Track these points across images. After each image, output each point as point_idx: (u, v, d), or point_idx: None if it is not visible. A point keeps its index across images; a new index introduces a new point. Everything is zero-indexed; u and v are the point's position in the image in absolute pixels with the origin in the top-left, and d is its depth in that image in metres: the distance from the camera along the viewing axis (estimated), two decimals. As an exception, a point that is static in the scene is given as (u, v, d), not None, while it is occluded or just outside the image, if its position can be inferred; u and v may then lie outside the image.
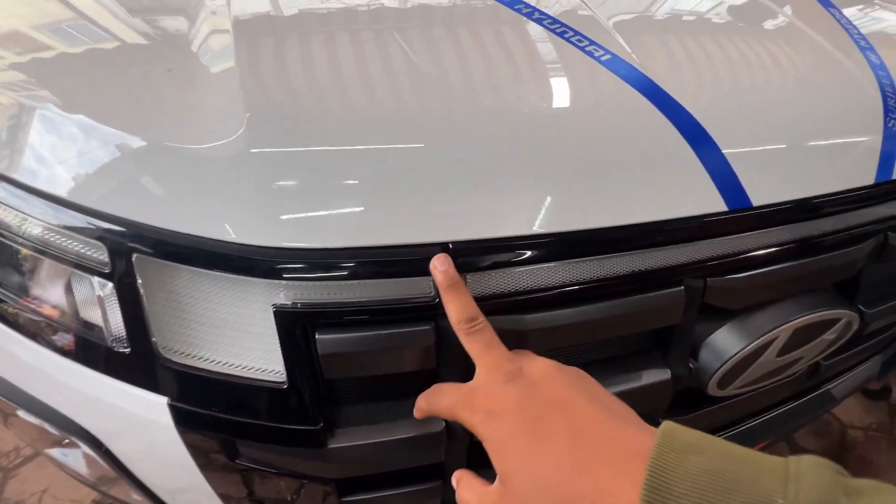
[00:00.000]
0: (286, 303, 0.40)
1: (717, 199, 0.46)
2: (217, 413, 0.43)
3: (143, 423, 0.45)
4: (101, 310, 0.43)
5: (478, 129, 0.44)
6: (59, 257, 0.43)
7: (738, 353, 0.51)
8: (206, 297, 0.41)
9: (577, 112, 0.47)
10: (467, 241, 0.40)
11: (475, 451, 0.38)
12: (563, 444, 0.32)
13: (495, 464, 0.34)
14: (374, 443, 0.45)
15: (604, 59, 0.49)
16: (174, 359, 0.43)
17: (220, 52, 0.48)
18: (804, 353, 0.57)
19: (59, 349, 0.46)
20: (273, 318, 0.40)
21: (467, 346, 0.39)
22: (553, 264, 0.43)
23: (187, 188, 0.40)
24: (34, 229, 0.43)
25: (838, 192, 0.51)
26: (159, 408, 0.44)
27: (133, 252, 0.40)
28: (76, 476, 0.60)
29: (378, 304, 0.40)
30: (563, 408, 0.34)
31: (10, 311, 0.48)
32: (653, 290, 0.46)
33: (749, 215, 0.47)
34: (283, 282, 0.39)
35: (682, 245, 0.46)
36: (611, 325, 0.46)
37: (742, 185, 0.46)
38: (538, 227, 0.41)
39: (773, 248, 0.49)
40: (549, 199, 0.42)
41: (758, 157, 0.48)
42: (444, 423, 0.46)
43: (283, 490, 0.50)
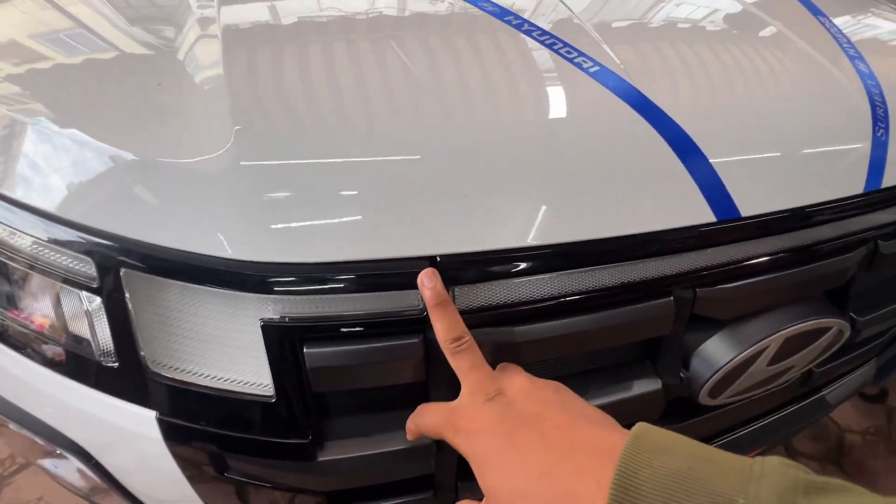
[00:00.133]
0: (274, 317, 0.40)
1: (706, 210, 0.46)
2: (205, 427, 0.43)
3: (132, 437, 0.45)
4: (89, 324, 0.43)
5: (466, 142, 0.44)
6: (47, 272, 0.43)
7: (728, 362, 0.50)
8: (194, 311, 0.41)
9: (565, 124, 0.47)
10: (455, 254, 0.40)
11: (464, 462, 0.38)
12: (533, 452, 0.33)
13: (479, 480, 0.35)
14: (363, 455, 0.45)
15: (592, 70, 0.49)
16: (162, 373, 0.43)
17: (208, 64, 0.49)
18: (796, 361, 0.56)
19: (48, 363, 0.46)
20: (261, 333, 0.40)
21: (453, 364, 0.39)
22: (542, 276, 0.43)
23: (174, 203, 0.40)
24: (23, 243, 0.43)
25: (828, 202, 0.51)
26: (148, 421, 0.44)
27: (121, 266, 0.40)
28: (68, 487, 0.60)
29: (366, 317, 0.40)
30: (536, 420, 0.35)
31: (-1, 324, 0.48)
32: (642, 301, 0.46)
33: (738, 226, 0.47)
34: (271, 296, 0.39)
35: (672, 256, 0.46)
36: (600, 336, 0.46)
37: (731, 195, 0.46)
38: (527, 239, 0.41)
39: (763, 258, 0.49)
40: (537, 211, 0.42)
41: (746, 167, 0.48)
42: (433, 436, 0.46)
43: (274, 502, 0.50)
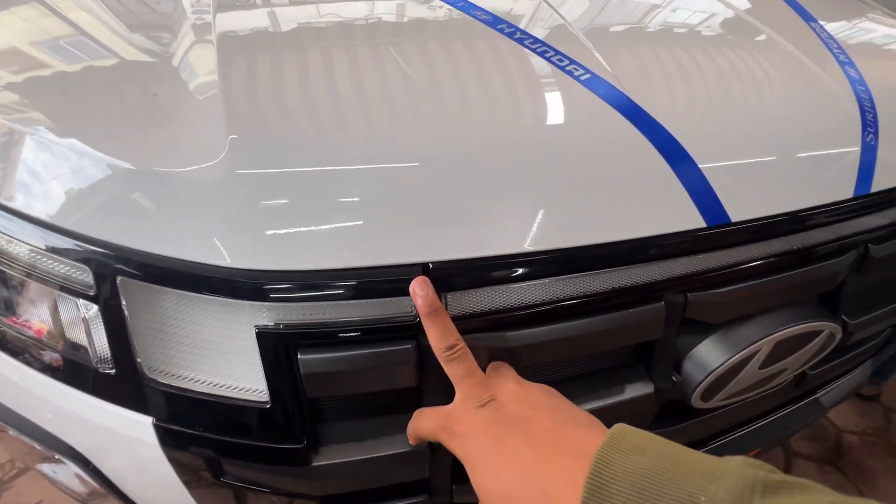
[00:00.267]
0: (268, 324, 0.40)
1: (696, 216, 0.46)
2: (201, 432, 0.44)
3: (129, 442, 0.46)
4: (86, 331, 0.43)
5: (458, 150, 0.45)
6: (45, 279, 0.43)
7: (720, 366, 0.51)
8: (189, 318, 0.42)
9: (556, 131, 0.48)
10: (447, 261, 0.41)
11: (459, 466, 0.39)
12: (519, 453, 0.34)
13: (472, 482, 0.36)
14: (358, 460, 0.45)
15: (583, 78, 0.50)
16: (159, 379, 0.43)
17: (204, 71, 0.49)
18: (788, 364, 0.57)
19: (46, 369, 0.47)
20: (256, 339, 0.40)
21: (448, 370, 0.40)
22: (533, 282, 0.43)
23: (170, 212, 0.41)
24: (21, 251, 0.44)
25: (818, 207, 0.51)
26: (144, 427, 0.44)
27: (117, 275, 0.40)
28: (67, 491, 0.61)
29: (359, 323, 0.41)
30: (525, 423, 0.36)
31: (-3, 331, 0.48)
32: (633, 306, 0.46)
33: (728, 231, 0.47)
34: (266, 303, 0.40)
35: (662, 262, 0.46)
36: (592, 341, 0.46)
37: (720, 201, 0.47)
38: (518, 245, 0.42)
39: (753, 263, 0.50)
40: (528, 218, 0.43)
41: (736, 173, 0.48)
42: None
43: (270, 506, 0.51)
